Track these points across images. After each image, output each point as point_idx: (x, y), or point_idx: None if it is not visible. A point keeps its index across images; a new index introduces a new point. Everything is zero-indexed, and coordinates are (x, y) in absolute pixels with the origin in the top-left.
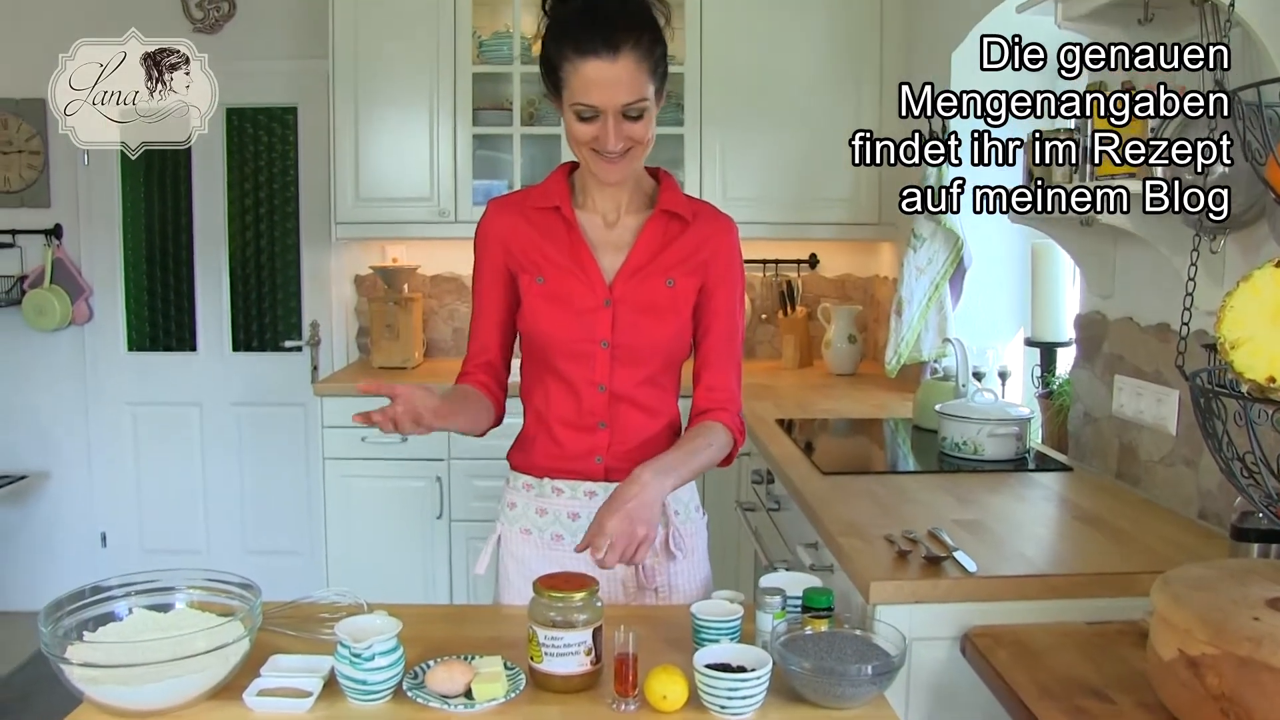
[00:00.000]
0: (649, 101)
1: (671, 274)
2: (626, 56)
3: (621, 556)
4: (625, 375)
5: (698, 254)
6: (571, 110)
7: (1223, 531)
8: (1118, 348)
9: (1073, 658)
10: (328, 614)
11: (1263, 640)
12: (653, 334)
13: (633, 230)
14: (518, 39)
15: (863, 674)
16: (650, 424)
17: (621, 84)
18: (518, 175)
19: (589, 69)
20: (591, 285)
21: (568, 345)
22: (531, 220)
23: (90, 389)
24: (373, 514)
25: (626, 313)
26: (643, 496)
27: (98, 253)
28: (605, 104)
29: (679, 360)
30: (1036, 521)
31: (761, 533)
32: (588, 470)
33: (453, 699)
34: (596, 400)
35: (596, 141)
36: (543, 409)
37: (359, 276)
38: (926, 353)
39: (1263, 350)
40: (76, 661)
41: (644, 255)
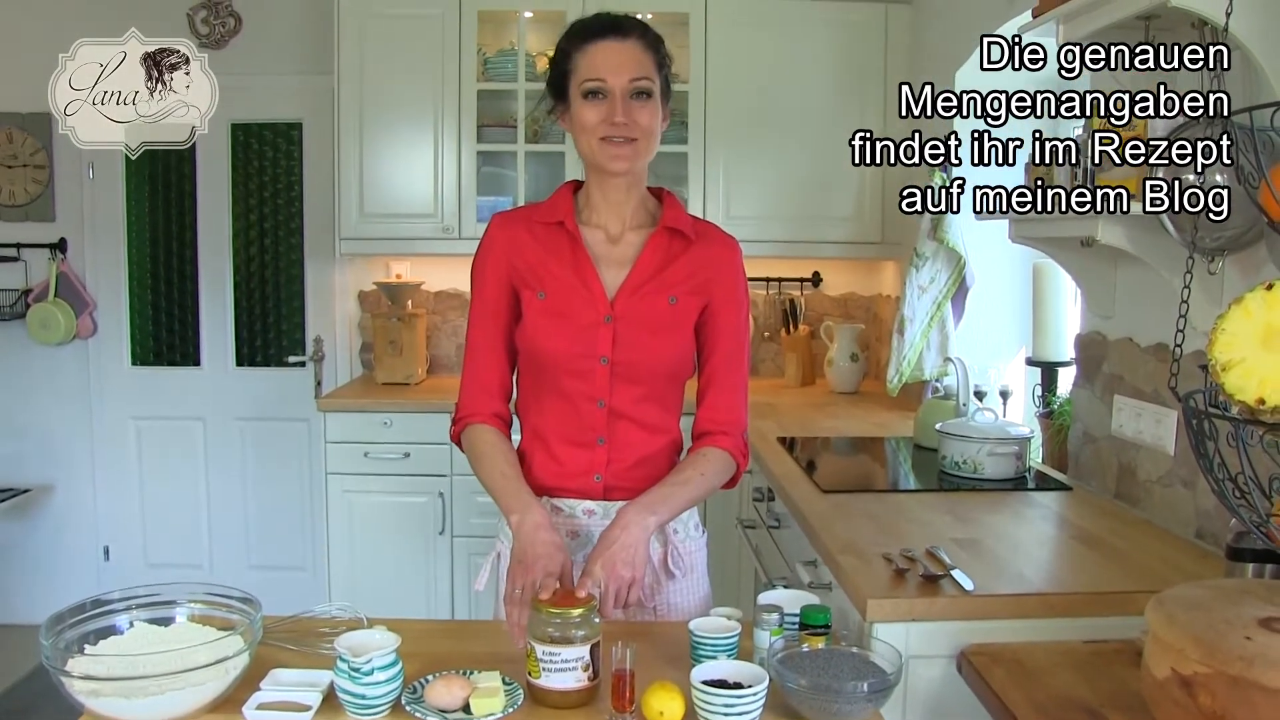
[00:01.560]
0: (654, 85)
1: (674, 292)
2: (634, 41)
3: (615, 602)
4: (625, 392)
5: (701, 273)
6: (580, 91)
7: (1220, 552)
8: (1117, 368)
9: (1069, 677)
10: (328, 629)
11: (1254, 660)
12: (653, 351)
13: (635, 246)
14: (522, 56)
15: (859, 691)
16: (650, 441)
17: (629, 61)
18: (522, 192)
19: (597, 49)
20: (593, 301)
21: (567, 361)
22: (536, 235)
23: (94, 403)
24: (375, 529)
25: (627, 329)
26: (624, 539)
27: (102, 267)
28: (614, 77)
29: (681, 378)
30: (1035, 540)
31: (762, 550)
32: (587, 489)
33: (451, 714)
34: (596, 416)
35: (605, 123)
36: (540, 424)
37: (363, 292)
38: (928, 372)
39: (1253, 372)
40: (77, 674)
41: (646, 272)
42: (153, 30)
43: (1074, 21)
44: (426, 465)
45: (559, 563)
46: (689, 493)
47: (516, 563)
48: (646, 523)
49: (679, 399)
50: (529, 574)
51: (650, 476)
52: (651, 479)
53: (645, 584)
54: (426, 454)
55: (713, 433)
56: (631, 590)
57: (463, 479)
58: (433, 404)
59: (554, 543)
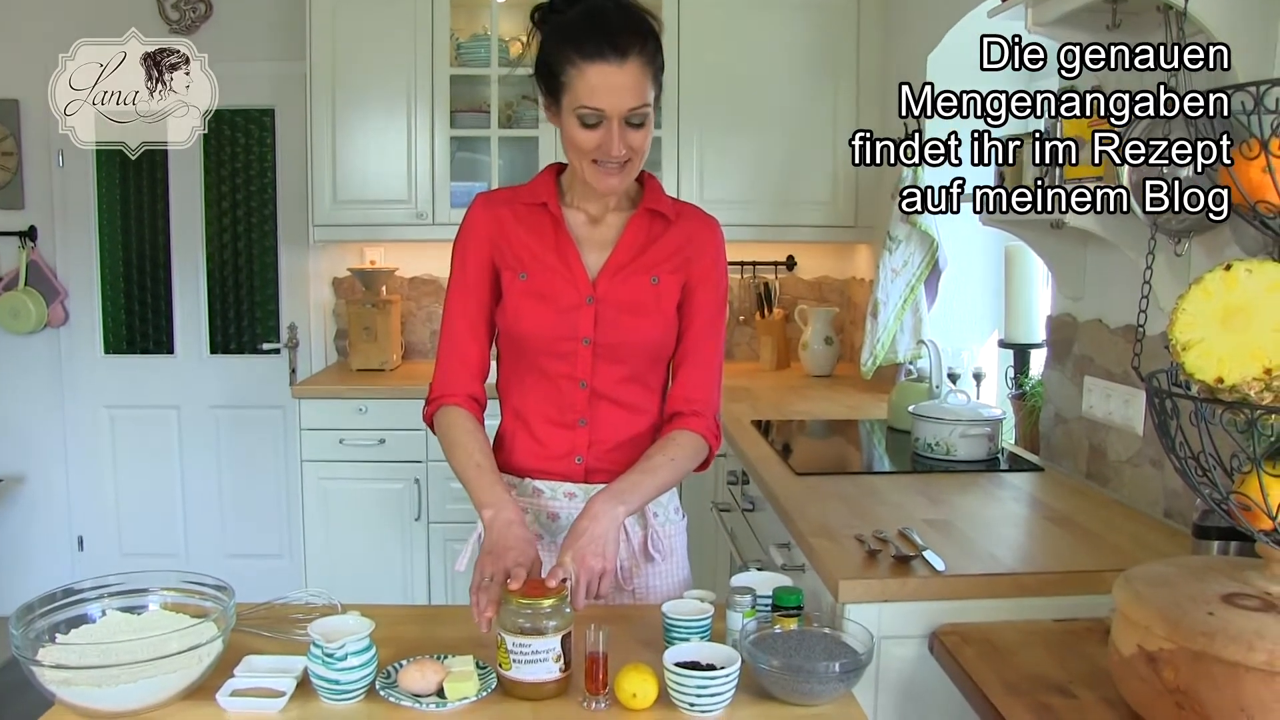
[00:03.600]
0: (650, 108)
1: (655, 272)
2: (633, 61)
3: (587, 593)
4: (607, 372)
5: (681, 252)
6: (575, 115)
7: (1187, 530)
8: (1087, 349)
9: (1039, 654)
10: (301, 615)
11: (1215, 635)
12: (635, 332)
13: (617, 228)
14: (495, 41)
15: (830, 671)
16: (633, 422)
17: (628, 88)
18: (495, 177)
19: (595, 73)
20: (575, 282)
21: (549, 343)
22: (518, 216)
23: (67, 392)
24: (351, 516)
25: (609, 310)
26: (593, 530)
27: (73, 255)
28: (612, 108)
29: (664, 358)
30: (1006, 521)
31: (736, 533)
32: (568, 471)
33: (425, 698)
34: (577, 396)
35: (599, 150)
36: (521, 406)
37: (337, 279)
38: (902, 354)
39: (1212, 352)
40: (48, 663)
41: (627, 253)
42: (122, 16)
43: (1042, 5)
44: (402, 451)
45: (530, 556)
46: (659, 479)
47: (486, 554)
48: (616, 512)
49: (662, 379)
50: (499, 563)
51: (631, 459)
52: (632, 461)
53: (623, 569)
54: (401, 440)
55: (684, 413)
56: (603, 581)
57: (438, 465)
58: (407, 390)
59: (526, 538)
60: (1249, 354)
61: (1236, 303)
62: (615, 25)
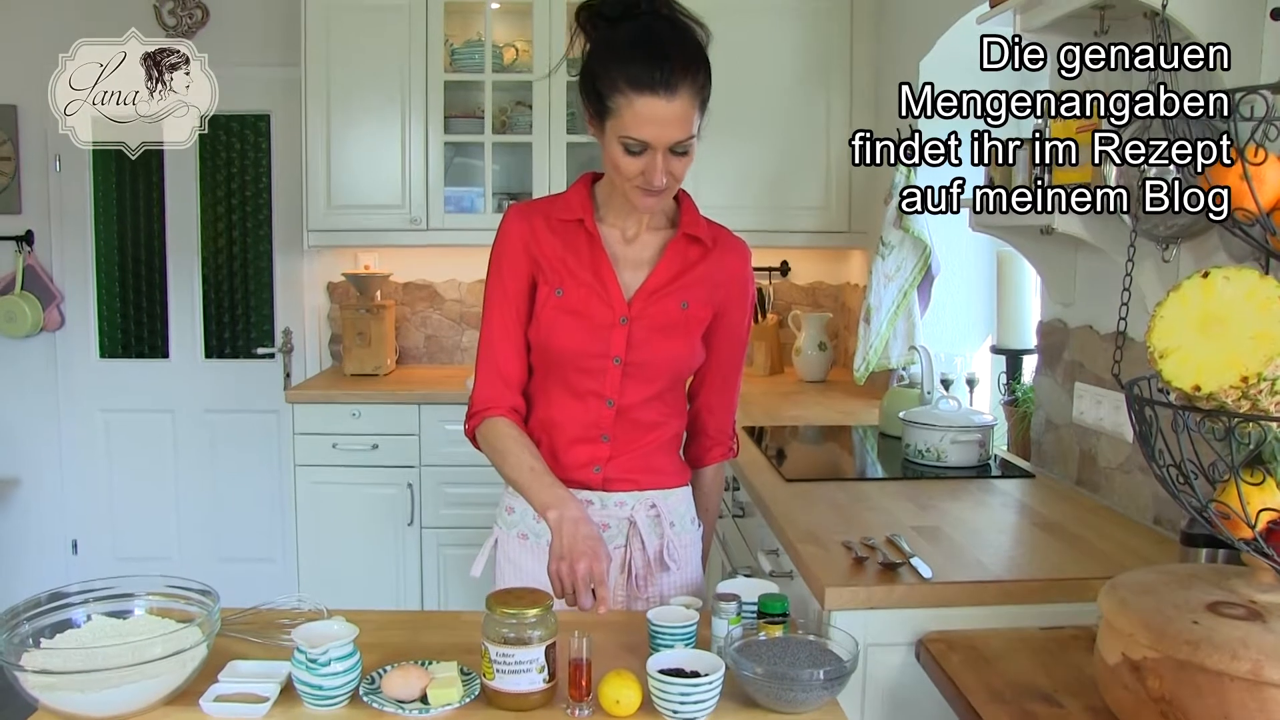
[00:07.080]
0: (695, 138)
1: (686, 297)
2: (683, 95)
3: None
4: (635, 391)
5: (713, 279)
6: (620, 142)
7: (1176, 537)
8: (1078, 355)
9: (1025, 662)
10: (287, 620)
11: (1200, 643)
12: (665, 352)
13: (652, 248)
14: (489, 47)
15: (814, 679)
16: (652, 437)
17: (675, 123)
18: (489, 183)
19: (644, 106)
20: (610, 301)
21: (580, 359)
22: (554, 229)
23: (62, 396)
24: (344, 521)
25: (641, 330)
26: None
27: (69, 259)
28: (658, 140)
29: (685, 377)
30: (995, 528)
31: (727, 539)
32: (586, 480)
33: (408, 704)
34: (604, 414)
35: (642, 177)
36: (547, 417)
37: (331, 284)
38: (895, 360)
39: (1190, 359)
40: (32, 669)
41: (664, 276)
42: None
43: (1031, 11)
44: (395, 456)
45: (601, 560)
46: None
47: (558, 559)
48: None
49: (682, 395)
50: (574, 571)
51: (648, 468)
52: (649, 470)
53: (638, 578)
54: (395, 445)
55: (718, 444)
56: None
57: (431, 470)
58: (401, 395)
59: (593, 535)
60: (1226, 362)
61: (1214, 310)
62: (668, 52)
